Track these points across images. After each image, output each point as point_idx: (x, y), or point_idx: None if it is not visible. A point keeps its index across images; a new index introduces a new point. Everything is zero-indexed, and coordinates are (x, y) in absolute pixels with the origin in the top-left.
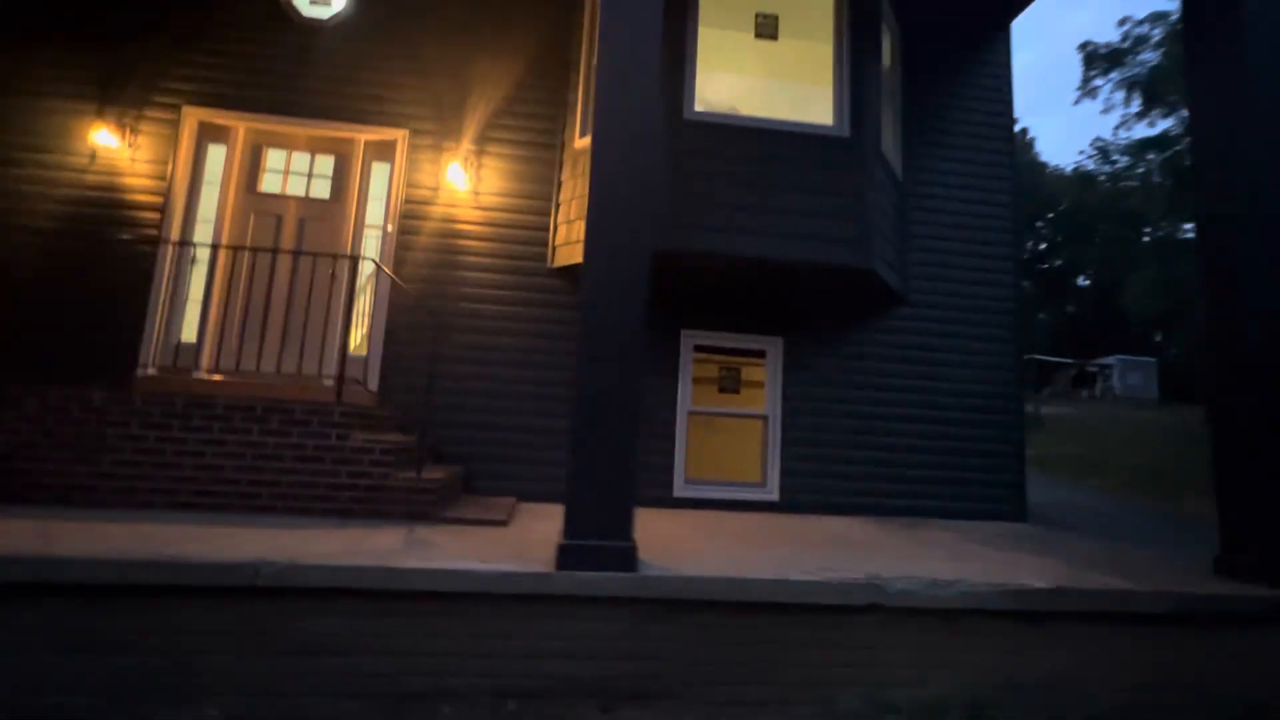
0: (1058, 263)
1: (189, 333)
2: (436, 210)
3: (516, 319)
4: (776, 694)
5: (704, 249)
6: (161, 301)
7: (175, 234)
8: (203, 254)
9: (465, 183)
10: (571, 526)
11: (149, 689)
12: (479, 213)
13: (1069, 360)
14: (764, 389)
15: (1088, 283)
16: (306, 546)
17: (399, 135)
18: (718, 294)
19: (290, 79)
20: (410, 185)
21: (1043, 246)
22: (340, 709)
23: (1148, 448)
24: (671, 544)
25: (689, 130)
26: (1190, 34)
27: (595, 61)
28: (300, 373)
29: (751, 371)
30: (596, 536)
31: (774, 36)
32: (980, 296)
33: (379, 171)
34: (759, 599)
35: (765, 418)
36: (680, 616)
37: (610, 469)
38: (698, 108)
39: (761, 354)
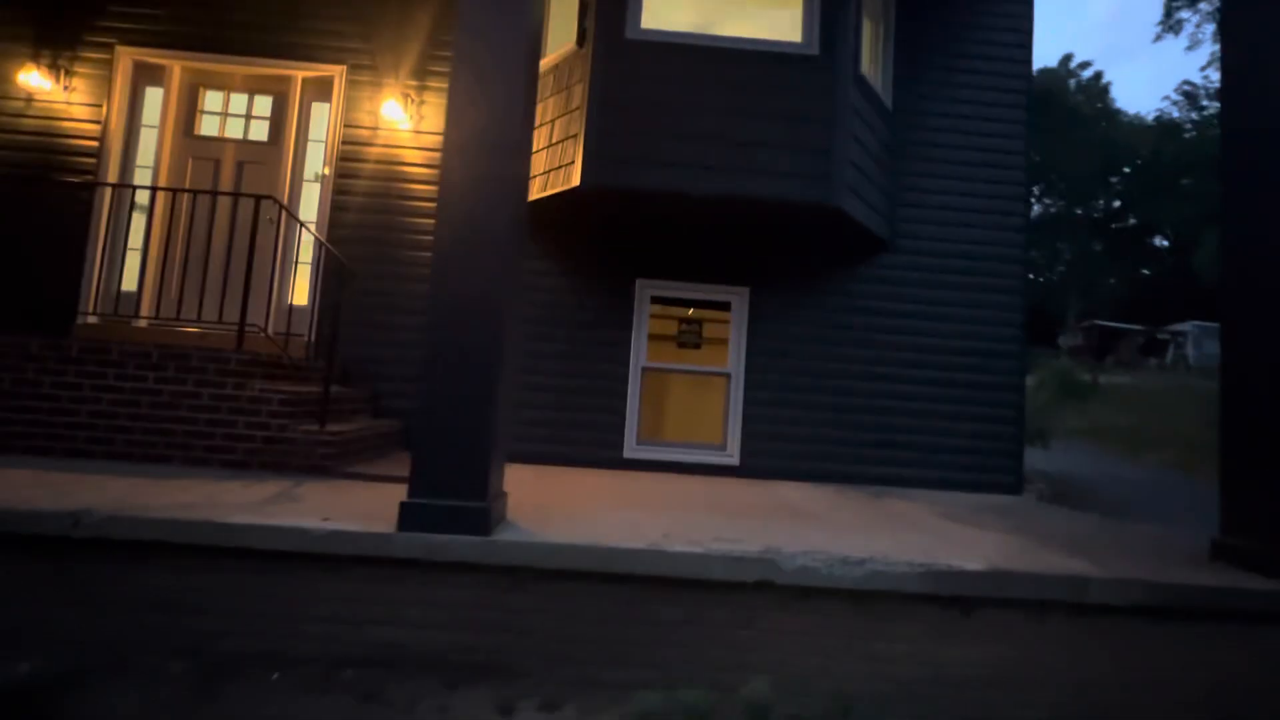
0: (1131, 222)
1: (130, 281)
2: (375, 152)
3: None
4: (646, 678)
5: (646, 187)
6: (100, 249)
7: (113, 179)
8: (143, 199)
9: (406, 121)
10: (417, 483)
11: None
12: (421, 154)
13: (1137, 327)
14: (728, 345)
15: (1165, 244)
16: (161, 498)
17: (336, 72)
18: (677, 239)
19: (226, 14)
20: (349, 125)
21: (1116, 204)
22: (166, 668)
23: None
24: (577, 507)
25: (632, 51)
26: None
27: None
28: (240, 321)
29: (717, 328)
30: (446, 496)
31: None
32: (984, 244)
33: (318, 112)
34: (631, 571)
35: (728, 375)
36: (542, 587)
37: (463, 423)
38: (645, 24)
39: (726, 306)
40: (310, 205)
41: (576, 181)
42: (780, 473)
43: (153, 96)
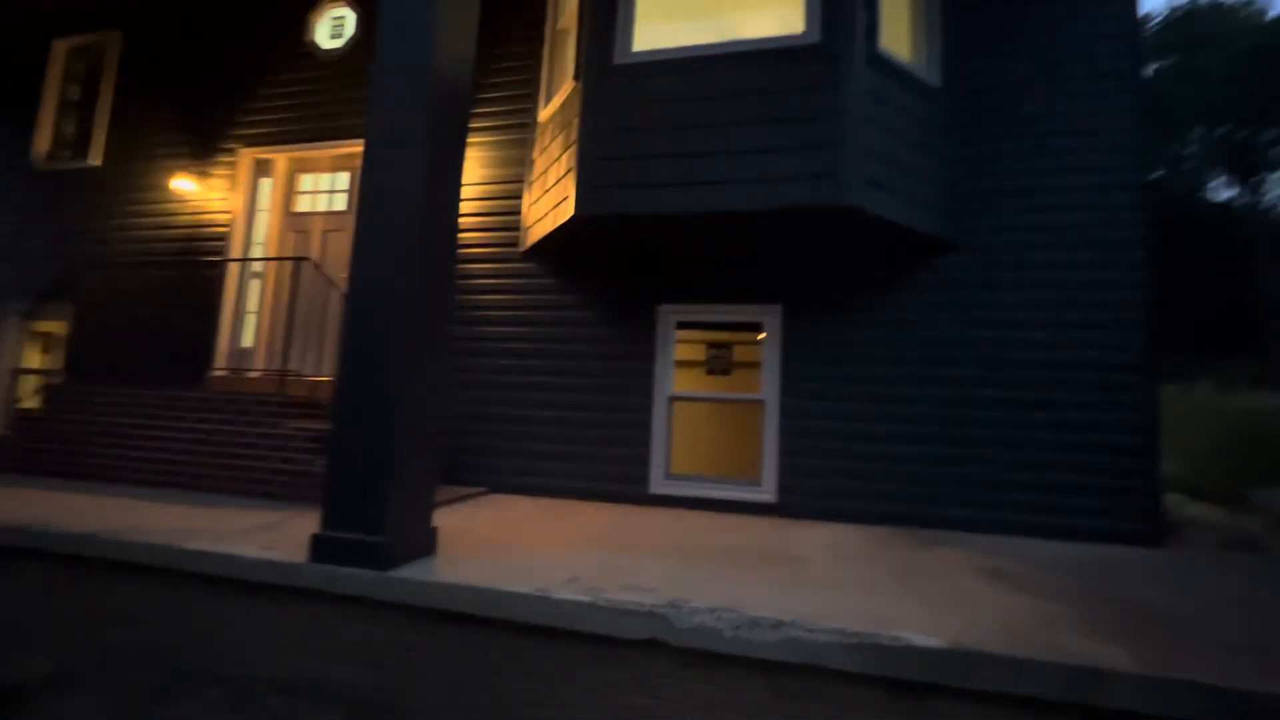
0: None
1: (248, 338)
2: None
3: (493, 307)
4: None
5: (640, 211)
6: (227, 312)
7: (236, 255)
8: (257, 268)
9: None
10: (327, 516)
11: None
12: (461, 204)
13: None
14: (761, 369)
15: None
16: (166, 523)
17: None
18: (699, 260)
19: (314, 110)
20: None
21: None
22: (128, 680)
23: None
24: (533, 545)
25: (620, 77)
26: None
27: (556, 25)
28: (281, 368)
29: (750, 352)
30: (350, 529)
31: None
32: (1083, 230)
33: None
34: (511, 617)
35: (762, 402)
36: (438, 627)
37: (363, 462)
38: (636, 48)
39: (757, 327)
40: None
41: (571, 212)
42: (824, 512)
43: (264, 184)
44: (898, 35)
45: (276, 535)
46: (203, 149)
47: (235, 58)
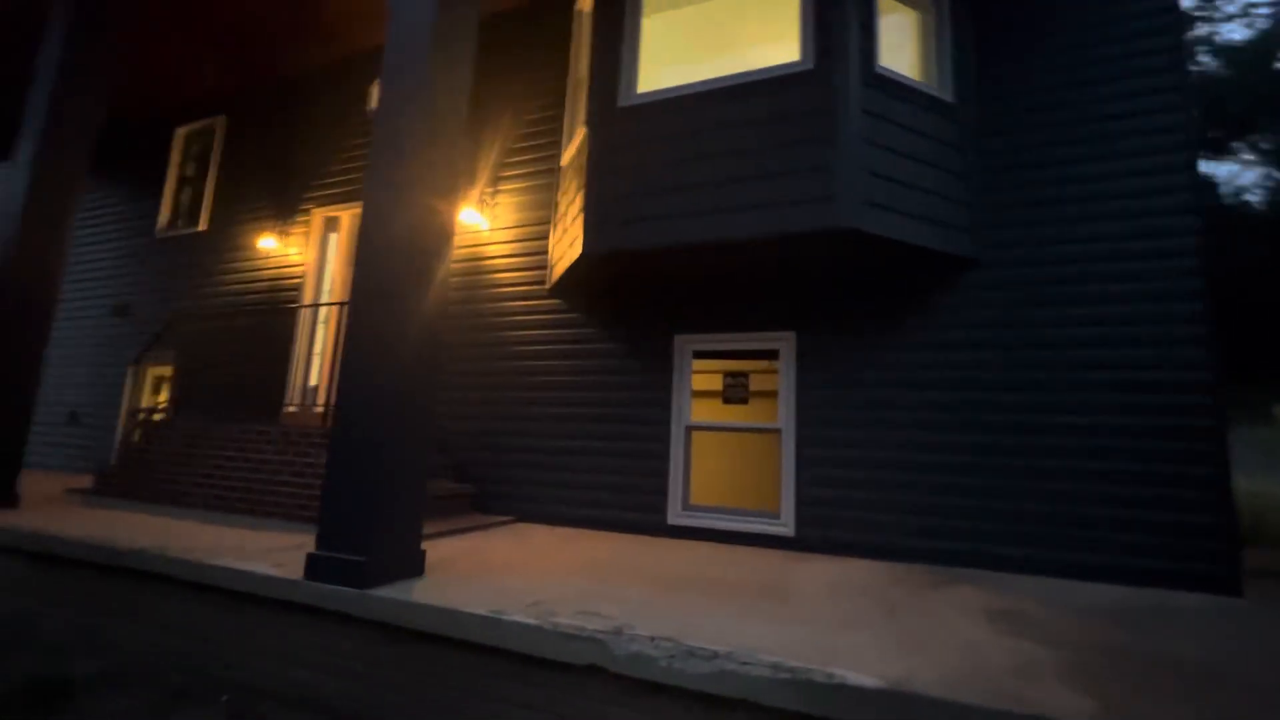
0: None
1: (315, 377)
2: (461, 252)
3: (524, 342)
4: None
5: (643, 245)
6: (299, 354)
7: (308, 302)
8: (323, 315)
9: (484, 222)
10: (321, 536)
11: (71, 643)
12: (497, 246)
13: None
14: (778, 397)
15: None
16: (206, 542)
17: None
18: (712, 289)
19: None
20: None
21: None
22: (160, 682)
23: None
24: (521, 571)
25: (623, 119)
26: None
27: (580, 73)
28: (326, 399)
29: (769, 379)
30: (338, 549)
31: None
32: (1131, 240)
33: None
34: (471, 638)
35: (779, 432)
36: (407, 645)
37: (355, 488)
38: (640, 89)
39: (773, 354)
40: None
41: (580, 251)
42: (845, 547)
43: (332, 239)
44: (904, 54)
45: (294, 555)
46: (283, 210)
47: (310, 130)
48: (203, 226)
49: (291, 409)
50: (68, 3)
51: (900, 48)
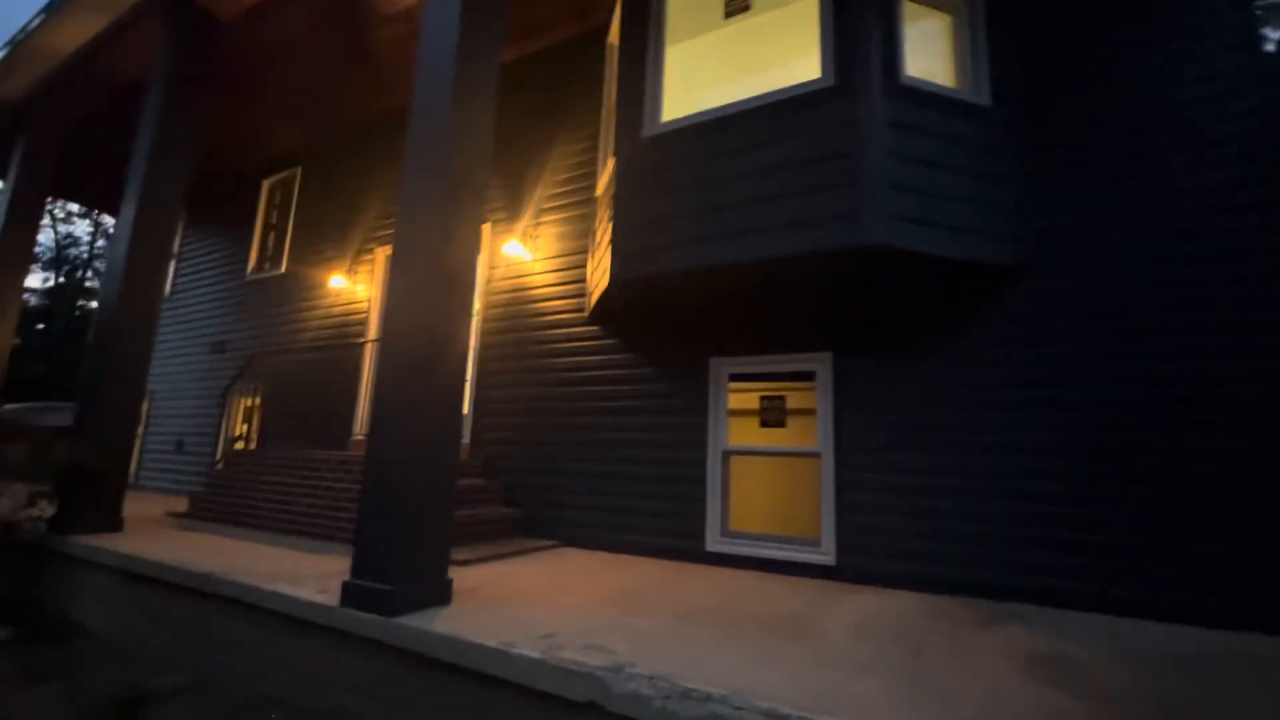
0: None
1: None
2: (506, 283)
3: (566, 368)
4: None
5: (669, 269)
6: (364, 385)
7: (372, 337)
8: None
9: (526, 254)
10: (355, 565)
11: (152, 657)
12: (539, 276)
13: None
14: (816, 419)
15: None
16: (267, 565)
17: (485, 228)
18: (747, 311)
19: None
20: (491, 266)
21: None
22: (223, 698)
23: None
24: (550, 600)
25: (648, 148)
26: None
27: (610, 105)
28: None
29: (806, 397)
30: (369, 577)
31: (746, 7)
32: (1200, 236)
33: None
34: (484, 669)
35: (818, 455)
36: (430, 673)
37: (383, 520)
38: (664, 118)
39: (810, 376)
40: (471, 332)
41: (608, 280)
42: (888, 577)
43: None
44: (932, 61)
45: (341, 581)
46: (350, 250)
47: (373, 173)
48: (282, 269)
49: (358, 437)
50: (162, 78)
51: (930, 53)
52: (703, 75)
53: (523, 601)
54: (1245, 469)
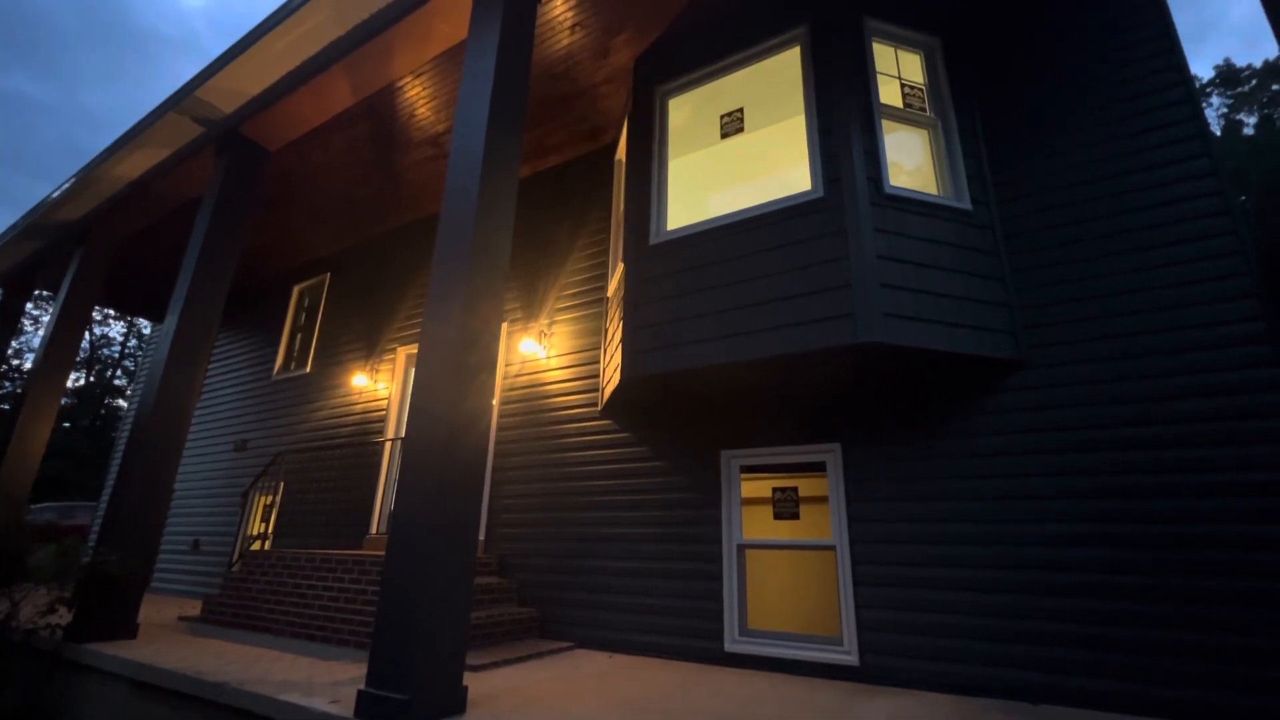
0: None
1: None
2: (523, 379)
3: (580, 463)
4: None
5: (674, 368)
6: (382, 481)
7: (390, 435)
8: None
9: (541, 351)
10: (371, 673)
11: None
12: (553, 373)
13: None
14: (829, 510)
15: None
16: (279, 675)
17: (504, 328)
18: (756, 404)
19: None
20: (507, 364)
21: None
22: None
23: None
24: (565, 711)
25: (654, 255)
26: None
27: (620, 214)
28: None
29: (817, 485)
30: (385, 687)
31: (740, 130)
32: (1181, 330)
33: None
34: None
35: (833, 548)
36: None
37: (399, 631)
38: (670, 226)
39: (821, 467)
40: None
41: (619, 377)
42: (916, 678)
43: (412, 375)
44: (915, 169)
45: (354, 689)
46: (373, 351)
47: (395, 279)
48: (307, 369)
49: (374, 535)
50: (212, 201)
51: (911, 163)
52: (704, 186)
53: (535, 710)
54: (1236, 559)
